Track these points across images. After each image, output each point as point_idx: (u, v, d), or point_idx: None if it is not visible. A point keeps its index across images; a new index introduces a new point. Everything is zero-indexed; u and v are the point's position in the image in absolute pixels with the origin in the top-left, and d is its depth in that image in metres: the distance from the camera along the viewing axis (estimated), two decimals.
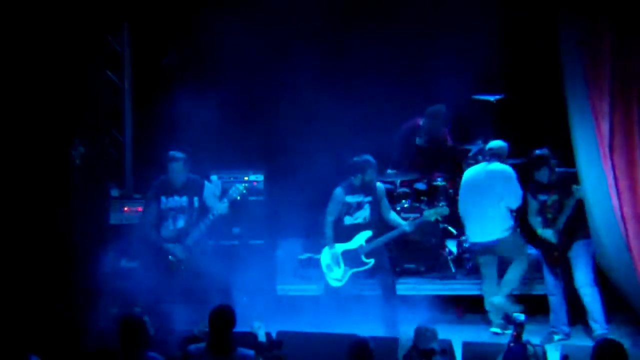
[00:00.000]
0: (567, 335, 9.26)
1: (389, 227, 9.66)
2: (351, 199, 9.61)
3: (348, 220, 9.64)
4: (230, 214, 9.58)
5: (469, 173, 9.86)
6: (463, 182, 9.85)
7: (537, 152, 9.28)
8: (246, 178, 10.50)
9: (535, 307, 9.45)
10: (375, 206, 9.63)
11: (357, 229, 9.60)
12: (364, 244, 9.58)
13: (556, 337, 9.19)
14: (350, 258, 9.57)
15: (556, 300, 9.30)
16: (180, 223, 9.37)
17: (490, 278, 9.64)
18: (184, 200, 9.37)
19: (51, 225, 8.98)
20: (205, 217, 9.32)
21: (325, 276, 9.61)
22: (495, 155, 9.71)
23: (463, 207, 9.80)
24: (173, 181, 9.35)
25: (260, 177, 10.57)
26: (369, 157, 9.59)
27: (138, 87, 11.10)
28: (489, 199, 9.53)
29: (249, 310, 9.06)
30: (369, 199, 9.61)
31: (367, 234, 9.58)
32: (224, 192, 9.62)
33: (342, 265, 9.59)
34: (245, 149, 10.93)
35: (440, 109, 10.90)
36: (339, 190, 9.62)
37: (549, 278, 9.36)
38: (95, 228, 9.63)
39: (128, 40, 11.01)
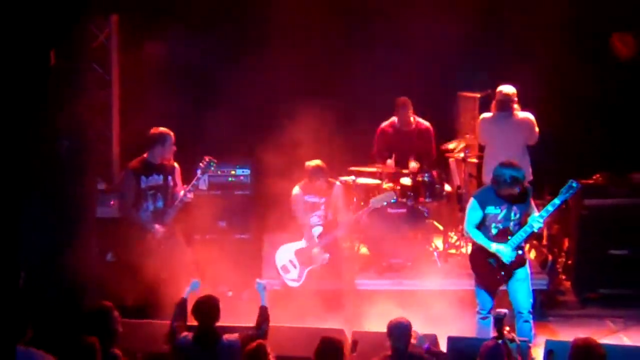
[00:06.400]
0: None
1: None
2: (308, 198, 9.67)
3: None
4: (216, 207, 9.55)
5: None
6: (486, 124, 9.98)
7: None
8: (233, 172, 10.52)
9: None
10: (330, 206, 9.65)
11: (311, 227, 9.63)
12: (316, 240, 9.59)
13: None
14: (305, 256, 9.60)
15: None
16: (160, 203, 9.34)
17: None
18: (161, 178, 9.35)
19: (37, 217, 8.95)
20: (183, 196, 9.26)
21: (283, 278, 9.62)
22: (512, 102, 9.80)
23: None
24: (154, 160, 9.30)
25: (246, 172, 10.60)
26: (317, 164, 9.56)
27: (125, 80, 11.07)
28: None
29: (234, 304, 9.09)
30: (322, 200, 9.65)
31: (318, 230, 9.61)
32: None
33: (297, 264, 9.61)
34: (232, 143, 10.93)
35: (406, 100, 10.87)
36: (296, 189, 9.68)
37: None
38: (81, 221, 9.59)
39: (115, 33, 10.98)
